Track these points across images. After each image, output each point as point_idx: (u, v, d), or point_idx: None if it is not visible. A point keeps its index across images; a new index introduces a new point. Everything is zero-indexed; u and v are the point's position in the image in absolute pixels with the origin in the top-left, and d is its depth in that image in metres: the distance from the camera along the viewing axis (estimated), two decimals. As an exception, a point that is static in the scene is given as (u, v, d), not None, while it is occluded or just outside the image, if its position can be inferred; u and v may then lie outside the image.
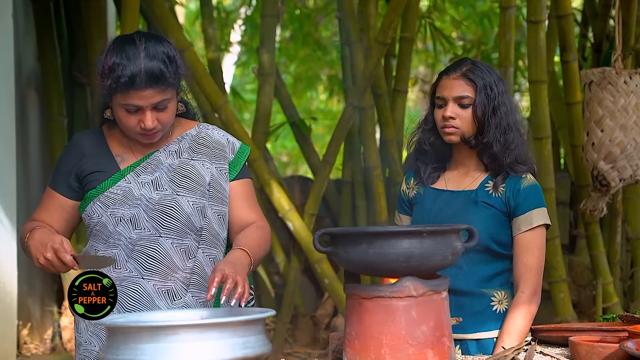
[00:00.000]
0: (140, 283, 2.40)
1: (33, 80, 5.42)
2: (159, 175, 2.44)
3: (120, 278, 2.40)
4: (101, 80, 2.36)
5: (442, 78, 2.64)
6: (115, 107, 2.38)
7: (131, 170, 2.44)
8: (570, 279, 5.77)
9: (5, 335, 4.66)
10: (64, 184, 2.47)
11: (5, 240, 4.61)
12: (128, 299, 2.40)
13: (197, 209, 2.44)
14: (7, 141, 4.70)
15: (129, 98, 2.32)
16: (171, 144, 2.49)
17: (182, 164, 2.46)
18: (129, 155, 2.47)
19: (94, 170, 2.44)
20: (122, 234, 2.40)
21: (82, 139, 2.51)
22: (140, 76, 2.29)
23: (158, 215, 2.40)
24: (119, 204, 2.40)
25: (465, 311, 2.55)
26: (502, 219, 2.60)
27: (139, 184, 2.43)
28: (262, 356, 2.02)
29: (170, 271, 2.41)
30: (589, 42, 6.27)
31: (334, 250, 2.05)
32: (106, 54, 2.36)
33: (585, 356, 2.13)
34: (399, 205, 2.81)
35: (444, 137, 2.64)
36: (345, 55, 5.92)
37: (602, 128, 4.25)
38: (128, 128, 2.38)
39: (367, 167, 5.72)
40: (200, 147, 2.51)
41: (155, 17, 5.38)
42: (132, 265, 2.40)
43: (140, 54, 2.31)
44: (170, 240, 2.41)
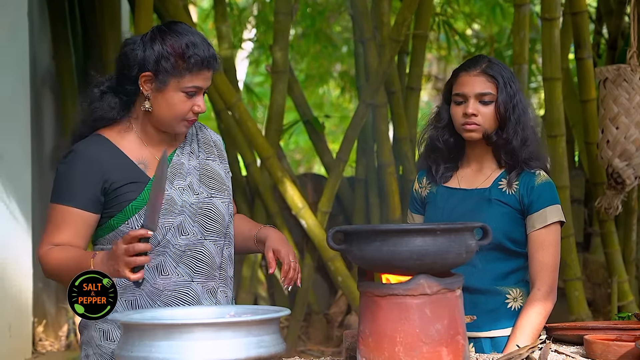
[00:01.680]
0: (191, 286, 2.42)
1: (48, 79, 5.44)
2: (191, 180, 2.44)
3: (171, 284, 2.39)
4: (157, 66, 2.31)
5: (461, 75, 2.62)
6: (169, 93, 2.33)
7: None
8: (585, 277, 5.75)
9: (20, 332, 4.69)
10: (85, 198, 2.33)
11: (21, 237, 4.64)
12: (180, 303, 2.40)
13: (226, 208, 2.49)
14: (23, 140, 4.73)
15: (196, 79, 2.33)
16: (185, 145, 2.48)
17: (202, 166, 2.48)
18: (151, 161, 2.41)
19: (125, 182, 2.36)
20: (170, 242, 2.38)
21: (92, 149, 2.37)
22: (210, 57, 2.34)
23: (202, 219, 2.42)
24: (166, 213, 2.36)
25: (479, 309, 2.55)
26: (516, 217, 2.60)
27: (178, 190, 2.40)
28: (276, 355, 2.02)
29: (213, 270, 2.45)
30: (603, 39, 6.24)
31: (347, 248, 2.05)
32: (164, 38, 2.33)
33: (600, 355, 2.12)
34: (411, 205, 2.80)
35: (463, 134, 2.62)
36: (358, 52, 5.92)
37: (617, 125, 4.23)
38: (181, 114, 2.35)
39: (380, 164, 5.71)
40: (206, 147, 2.53)
41: (169, 15, 5.40)
42: (182, 270, 2.40)
43: (201, 38, 2.37)
44: (212, 241, 2.44)
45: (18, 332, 4.65)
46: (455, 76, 2.65)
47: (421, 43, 5.90)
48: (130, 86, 2.38)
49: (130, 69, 2.36)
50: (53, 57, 5.42)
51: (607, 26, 6.14)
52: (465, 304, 2.17)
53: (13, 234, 4.56)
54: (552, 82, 5.06)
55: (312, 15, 7.55)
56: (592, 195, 5.52)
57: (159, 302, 2.39)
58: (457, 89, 2.61)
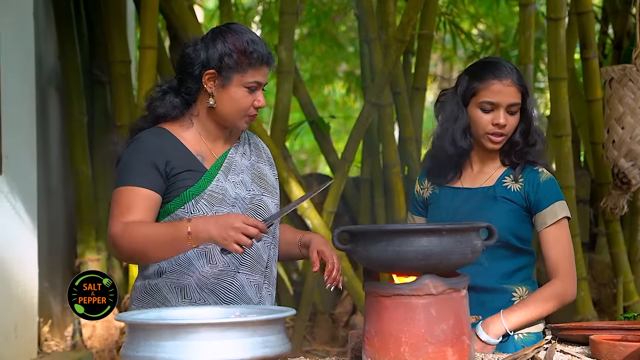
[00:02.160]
0: (237, 277, 2.49)
1: (54, 79, 5.45)
2: (244, 177, 2.54)
3: (217, 272, 2.47)
4: (227, 61, 2.42)
5: (492, 82, 2.57)
6: (232, 89, 2.44)
7: (218, 169, 2.50)
8: (591, 277, 5.74)
9: (26, 332, 4.70)
10: (151, 179, 2.41)
11: (26, 237, 4.65)
12: (226, 292, 2.47)
13: (276, 209, 2.57)
14: (28, 139, 4.74)
15: (257, 74, 2.44)
16: (238, 145, 2.58)
17: (254, 166, 2.58)
18: (207, 154, 2.51)
19: (183, 169, 2.45)
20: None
21: (154, 137, 2.47)
22: (268, 54, 2.46)
23: (252, 214, 2.49)
24: (220, 202, 2.46)
25: (486, 308, 2.55)
26: (521, 214, 2.60)
27: (231, 183, 2.50)
28: (281, 355, 2.02)
29: (259, 265, 2.52)
30: (609, 39, 6.23)
31: (352, 248, 2.05)
32: (226, 36, 2.45)
33: (606, 355, 2.12)
34: (412, 207, 2.79)
35: (487, 143, 2.60)
36: (363, 52, 5.92)
37: (622, 125, 4.22)
38: (243, 109, 2.46)
39: (385, 164, 5.71)
40: (257, 151, 2.63)
41: (174, 16, 5.41)
42: (229, 259, 2.48)
43: (257, 36, 2.49)
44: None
45: (24, 332, 4.66)
46: (482, 81, 2.58)
47: (426, 43, 5.89)
48: (194, 85, 2.48)
49: (193, 68, 2.46)
50: (59, 56, 5.43)
51: (612, 26, 6.13)
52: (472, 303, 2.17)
53: (19, 234, 4.57)
54: (557, 82, 5.05)
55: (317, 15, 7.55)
56: (598, 195, 5.51)
57: (206, 289, 2.47)
58: (487, 96, 2.57)
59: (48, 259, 5.17)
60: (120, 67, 5.38)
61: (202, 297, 2.47)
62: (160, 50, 5.33)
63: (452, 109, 2.64)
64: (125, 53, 5.39)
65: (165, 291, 2.48)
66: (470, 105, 2.60)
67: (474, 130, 2.61)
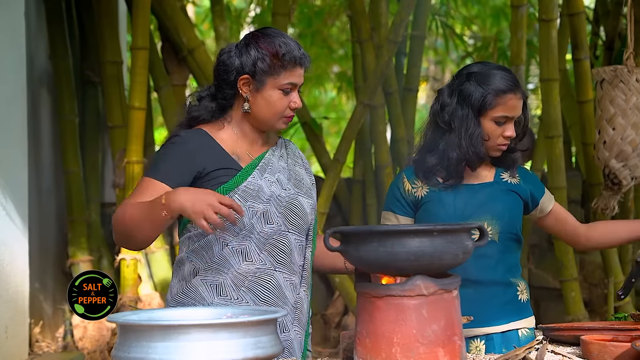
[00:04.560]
0: (274, 275, 2.51)
1: (45, 79, 5.44)
2: (280, 176, 2.57)
3: (254, 270, 2.49)
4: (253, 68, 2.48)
5: (510, 97, 2.59)
6: (267, 92, 2.50)
7: (254, 168, 2.54)
8: (582, 278, 5.75)
9: (17, 333, 4.69)
10: (175, 178, 2.45)
11: (17, 238, 4.64)
12: (265, 290, 2.50)
13: (312, 210, 2.62)
14: (20, 140, 4.72)
15: (291, 76, 2.50)
16: (275, 148, 2.63)
17: (290, 168, 2.63)
18: (244, 155, 2.56)
19: (218, 167, 2.50)
20: (255, 227, 2.49)
21: (193, 136, 2.53)
22: (302, 55, 2.52)
23: (286, 212, 2.53)
24: (253, 198, 2.49)
25: (496, 301, 2.58)
26: (521, 206, 2.72)
27: (267, 181, 2.54)
28: (273, 356, 2.02)
29: (294, 265, 2.55)
30: (600, 40, 6.24)
31: (344, 249, 2.05)
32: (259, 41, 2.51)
33: (597, 355, 2.13)
34: (395, 207, 2.76)
35: (494, 152, 2.68)
36: (356, 53, 5.92)
37: (613, 126, 4.23)
38: (279, 111, 2.52)
39: (378, 165, 5.72)
40: (294, 156, 2.68)
41: (166, 16, 5.40)
42: (265, 257, 2.50)
43: (290, 38, 2.55)
44: (294, 236, 2.55)
45: (14, 333, 4.65)
46: (499, 95, 2.59)
47: (419, 44, 5.90)
48: (229, 90, 2.55)
49: (228, 74, 2.53)
50: (50, 57, 5.41)
51: (604, 27, 6.15)
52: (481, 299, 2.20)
53: (9, 235, 4.56)
54: (549, 83, 5.06)
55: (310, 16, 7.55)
56: (589, 196, 5.53)
57: (243, 287, 2.49)
58: (505, 111, 2.60)
59: (39, 260, 5.15)
60: (111, 67, 5.37)
61: (240, 295, 2.49)
62: (152, 51, 5.32)
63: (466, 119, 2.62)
64: (116, 54, 5.38)
65: (202, 289, 2.51)
66: (485, 117, 2.61)
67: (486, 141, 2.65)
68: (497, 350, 2.56)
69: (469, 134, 2.61)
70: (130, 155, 4.92)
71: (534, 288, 5.48)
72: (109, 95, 5.38)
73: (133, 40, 5.03)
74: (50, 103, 5.47)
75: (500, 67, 2.68)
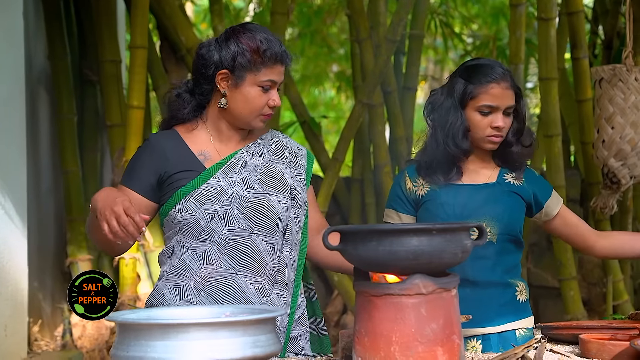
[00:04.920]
0: (235, 279, 2.46)
1: (43, 79, 5.43)
2: (248, 175, 2.51)
3: (214, 274, 2.46)
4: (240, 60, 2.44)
5: (492, 86, 2.59)
6: (245, 88, 2.46)
7: (219, 168, 2.50)
8: (581, 277, 5.76)
9: (16, 332, 4.69)
10: (143, 183, 2.48)
11: (16, 237, 4.63)
12: (224, 295, 2.46)
13: (285, 208, 2.53)
14: (18, 139, 4.72)
15: (271, 73, 2.46)
16: (252, 145, 2.57)
17: (267, 166, 2.56)
18: (213, 154, 2.52)
19: (179, 170, 2.48)
20: (215, 231, 2.46)
21: (160, 139, 2.53)
22: (284, 53, 2.48)
23: (251, 213, 2.48)
24: (212, 201, 2.45)
25: (493, 303, 2.57)
26: (523, 208, 2.70)
27: (230, 181, 2.49)
28: (272, 355, 2.02)
29: (261, 267, 2.49)
30: (599, 39, 6.24)
31: (343, 248, 2.05)
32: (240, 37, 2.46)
33: (595, 354, 2.13)
34: (396, 204, 2.75)
35: (485, 144, 2.63)
36: (354, 52, 5.92)
37: (612, 125, 4.23)
38: (257, 108, 2.48)
39: (376, 164, 5.72)
40: (278, 152, 2.61)
41: (165, 15, 5.40)
42: (225, 260, 2.46)
43: (273, 35, 2.50)
44: (261, 237, 2.49)
45: (13, 332, 4.64)
46: (480, 85, 2.60)
47: (417, 43, 5.90)
48: (207, 85, 2.50)
49: (207, 68, 2.48)
50: (48, 56, 5.41)
51: (602, 26, 6.15)
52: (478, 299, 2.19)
53: (8, 234, 4.55)
54: (548, 82, 5.06)
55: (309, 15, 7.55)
56: (588, 195, 5.53)
57: (203, 292, 2.47)
58: (486, 100, 2.59)
59: (38, 259, 5.15)
60: (110, 66, 5.36)
61: (199, 299, 2.46)
62: (151, 50, 5.32)
63: (448, 111, 2.64)
64: (115, 53, 5.38)
65: (166, 292, 2.50)
66: (468, 108, 2.62)
67: (472, 132, 2.63)
68: (494, 350, 2.56)
69: (449, 126, 2.62)
70: (129, 154, 4.91)
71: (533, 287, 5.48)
72: (107, 95, 5.37)
73: (132, 39, 5.03)
74: (48, 102, 5.47)
75: (489, 60, 2.69)
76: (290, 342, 2.56)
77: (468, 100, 2.61)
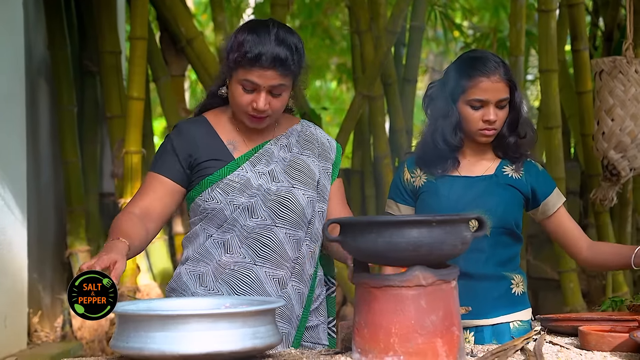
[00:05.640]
0: (253, 269, 2.47)
1: (43, 69, 5.43)
2: (274, 167, 2.51)
3: (233, 263, 2.47)
4: (227, 55, 2.46)
5: (480, 80, 2.57)
6: (233, 84, 2.46)
7: (246, 159, 2.50)
8: (580, 269, 5.75)
9: (15, 323, 4.69)
10: (172, 169, 2.48)
11: (16, 228, 4.64)
12: (240, 284, 2.46)
13: (310, 202, 2.52)
14: (18, 130, 4.72)
15: (250, 74, 2.41)
16: (281, 137, 2.57)
17: (294, 158, 2.55)
18: (241, 144, 2.53)
19: (208, 158, 2.48)
20: (238, 221, 2.47)
21: (190, 126, 2.53)
22: (267, 55, 2.40)
23: (275, 206, 2.48)
24: (237, 192, 2.46)
25: (487, 296, 2.57)
26: (521, 202, 2.67)
27: (256, 174, 2.49)
28: (271, 346, 2.02)
29: (283, 260, 2.49)
30: (599, 30, 6.23)
31: (343, 240, 2.05)
32: (238, 32, 2.48)
33: (594, 346, 2.13)
34: (396, 195, 2.75)
35: (478, 138, 2.62)
36: (355, 44, 5.91)
37: (612, 117, 4.23)
38: (240, 106, 2.46)
39: (376, 156, 5.71)
40: (307, 144, 2.60)
41: (165, 6, 5.39)
42: (245, 251, 2.47)
43: (271, 37, 2.43)
44: (284, 230, 2.48)
45: (13, 323, 4.65)
46: (470, 79, 2.59)
47: (418, 34, 5.89)
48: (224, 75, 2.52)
49: (222, 58, 2.52)
50: (48, 47, 5.40)
51: (603, 18, 6.14)
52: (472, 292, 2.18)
53: (8, 225, 4.56)
54: (548, 74, 5.06)
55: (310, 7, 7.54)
56: (588, 187, 5.53)
57: (220, 279, 2.48)
58: (476, 94, 2.58)
59: (38, 250, 5.16)
60: (110, 57, 5.36)
61: (216, 287, 2.48)
62: (151, 41, 5.31)
63: (441, 105, 2.64)
64: (115, 44, 5.37)
65: (186, 278, 2.52)
66: (460, 102, 2.61)
67: (465, 126, 2.62)
68: (487, 342, 2.56)
69: (439, 122, 2.62)
70: (129, 145, 4.91)
71: (532, 279, 5.49)
72: (107, 86, 5.37)
73: (131, 31, 5.02)
74: (48, 93, 5.46)
75: (483, 53, 2.67)
76: (306, 332, 2.57)
77: (459, 94, 2.60)
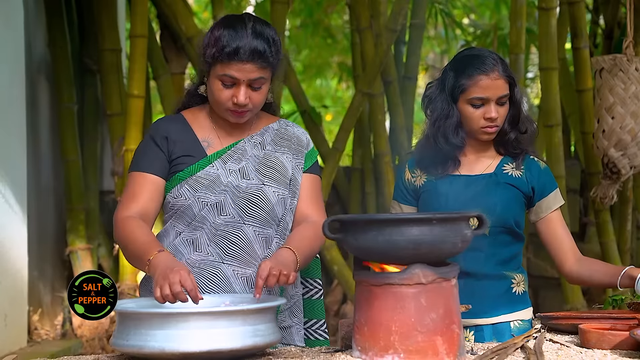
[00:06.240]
0: (221, 267, 2.44)
1: (43, 67, 5.43)
2: (245, 165, 2.50)
3: (201, 261, 2.45)
4: (204, 51, 2.44)
5: (480, 78, 2.56)
6: (212, 80, 2.44)
7: (218, 157, 2.49)
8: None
9: (16, 320, 4.70)
10: (160, 164, 2.46)
11: (16, 226, 4.64)
12: (208, 282, 2.44)
13: (280, 200, 2.50)
14: (18, 127, 4.72)
15: (229, 69, 2.39)
16: (255, 135, 2.55)
17: (267, 156, 2.53)
18: (215, 142, 2.52)
19: (181, 154, 2.47)
20: (206, 218, 2.45)
21: (165, 124, 2.53)
22: (244, 49, 2.39)
23: (244, 203, 2.46)
24: (206, 189, 2.45)
25: (486, 295, 2.57)
26: (521, 200, 2.65)
27: (226, 171, 2.48)
28: (271, 344, 2.02)
29: (251, 258, 2.46)
30: (600, 28, 6.23)
31: (343, 237, 2.05)
32: (213, 28, 2.46)
33: (595, 344, 2.13)
34: (399, 196, 2.75)
35: (480, 135, 2.61)
36: (355, 42, 5.91)
37: (612, 115, 4.23)
38: (220, 102, 2.44)
39: (376, 154, 5.71)
40: (282, 141, 2.58)
41: (165, 4, 5.39)
42: (213, 249, 2.45)
43: (247, 31, 2.42)
44: (253, 228, 2.46)
45: (13, 321, 4.65)
46: (469, 77, 2.58)
47: (418, 32, 5.89)
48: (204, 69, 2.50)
49: (200, 55, 2.49)
50: (48, 45, 5.40)
51: (603, 16, 6.14)
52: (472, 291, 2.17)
53: (8, 223, 4.56)
54: (548, 72, 5.06)
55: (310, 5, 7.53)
56: (588, 185, 5.53)
57: None
58: (476, 92, 2.57)
59: (38, 247, 5.16)
60: (110, 55, 5.35)
61: None
62: (151, 39, 5.31)
63: (441, 105, 2.63)
64: (115, 41, 5.37)
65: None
66: (460, 101, 2.60)
67: (466, 125, 2.61)
68: (487, 340, 2.56)
69: (440, 122, 2.61)
70: (129, 143, 4.91)
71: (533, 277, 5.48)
72: (107, 84, 5.37)
73: (132, 28, 5.02)
74: (48, 91, 5.46)
75: (480, 50, 2.66)
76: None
77: (459, 93, 2.60)
